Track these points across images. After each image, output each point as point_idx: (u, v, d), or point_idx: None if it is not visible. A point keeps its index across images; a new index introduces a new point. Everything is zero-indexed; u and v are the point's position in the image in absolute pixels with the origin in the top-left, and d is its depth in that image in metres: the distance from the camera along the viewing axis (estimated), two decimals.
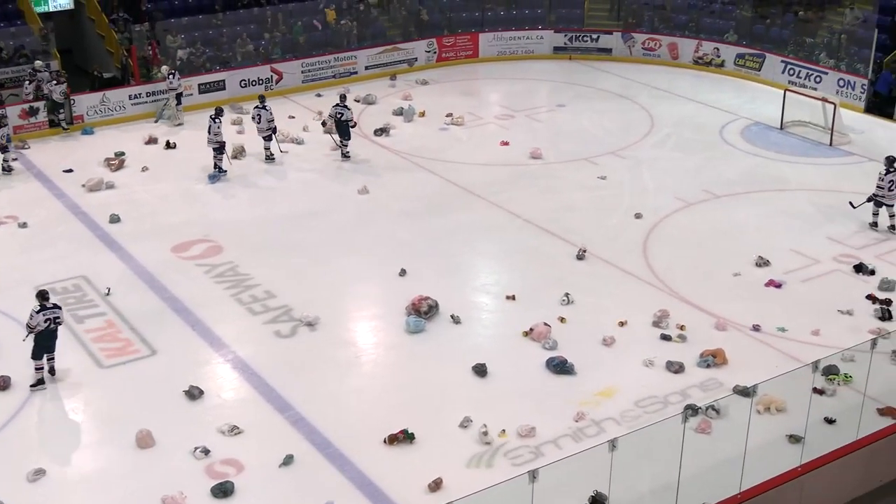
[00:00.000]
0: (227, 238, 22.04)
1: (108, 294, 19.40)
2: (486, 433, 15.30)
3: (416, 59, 34.53)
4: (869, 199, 22.51)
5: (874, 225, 22.53)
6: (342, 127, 26.54)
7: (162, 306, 19.29)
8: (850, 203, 22.90)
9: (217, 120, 25.32)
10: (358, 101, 31.04)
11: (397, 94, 31.88)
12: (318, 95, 31.90)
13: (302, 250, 21.54)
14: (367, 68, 33.75)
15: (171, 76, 29.22)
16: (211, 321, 18.73)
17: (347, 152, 26.65)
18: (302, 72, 32.55)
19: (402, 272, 20.36)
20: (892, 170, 22.18)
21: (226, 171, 25.45)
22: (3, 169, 25.49)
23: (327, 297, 19.57)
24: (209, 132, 25.24)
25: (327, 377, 17.07)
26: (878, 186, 22.35)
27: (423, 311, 18.62)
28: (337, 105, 26.55)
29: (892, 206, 22.26)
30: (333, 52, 33.29)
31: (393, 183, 25.25)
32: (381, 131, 28.30)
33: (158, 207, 23.83)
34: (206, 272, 20.62)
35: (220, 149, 25.35)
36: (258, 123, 26.28)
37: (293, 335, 18.33)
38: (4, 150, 25.50)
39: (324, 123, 27.71)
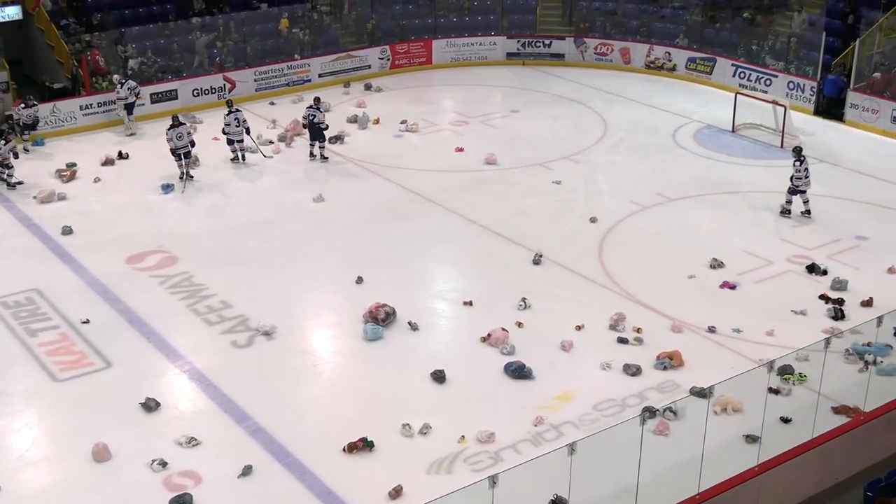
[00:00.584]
0: (181, 248, 21.87)
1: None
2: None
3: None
4: (791, 192, 23.24)
5: (787, 212, 23.29)
6: (314, 129, 26.70)
7: (117, 318, 19.10)
8: (784, 208, 23.60)
9: (170, 129, 25.33)
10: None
11: (351, 102, 31.84)
12: (272, 104, 31.80)
13: (258, 259, 21.43)
14: (320, 76, 33.68)
15: (119, 86, 28.96)
16: (166, 332, 18.57)
17: (325, 154, 26.98)
18: (255, 80, 32.42)
19: (359, 280, 20.32)
20: (803, 158, 23.11)
21: (186, 177, 25.34)
22: (8, 185, 25.01)
23: (284, 306, 19.48)
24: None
25: (285, 386, 16.98)
26: (794, 177, 23.13)
27: (380, 318, 18.58)
28: (310, 107, 26.81)
29: (806, 192, 23.12)
30: (286, 61, 33.20)
31: (348, 190, 25.19)
32: (336, 139, 28.22)
33: (111, 218, 23.62)
34: (160, 283, 20.46)
35: (174, 155, 25.32)
36: (236, 127, 26.35)
37: (250, 345, 18.23)
38: (5, 165, 25.06)
39: (305, 126, 27.50)
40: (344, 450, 15.14)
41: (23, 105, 28.00)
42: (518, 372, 17.06)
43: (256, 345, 18.22)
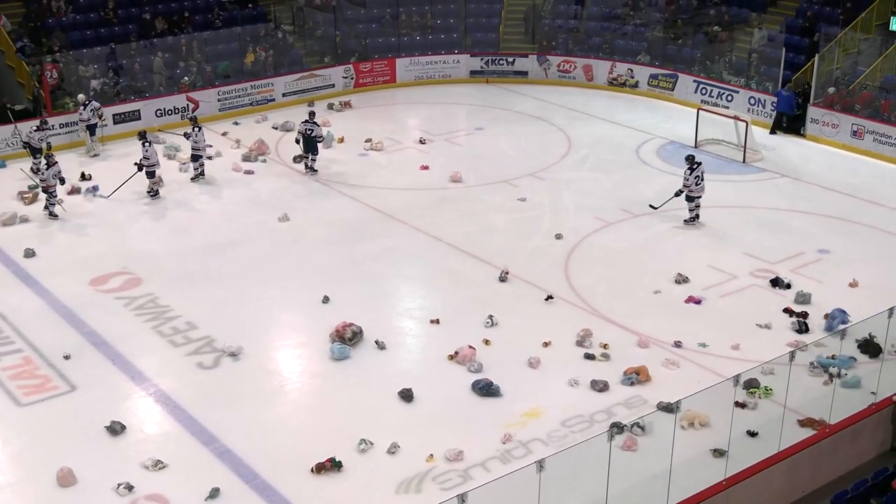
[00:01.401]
0: (145, 270, 21.73)
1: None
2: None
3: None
4: (677, 194, 23.85)
5: (693, 219, 23.85)
6: (310, 142, 27.29)
7: (81, 341, 18.92)
8: (651, 205, 24.31)
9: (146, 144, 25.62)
10: (276, 129, 31.01)
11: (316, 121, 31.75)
12: (236, 123, 31.73)
13: (223, 280, 21.32)
14: (284, 95, 33.66)
15: (82, 107, 28.78)
16: (132, 355, 18.43)
17: (314, 167, 27.41)
18: (218, 100, 32.34)
19: (325, 299, 20.27)
20: (695, 167, 23.60)
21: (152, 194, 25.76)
22: (51, 214, 24.46)
23: (250, 326, 19.40)
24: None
25: (252, 407, 16.89)
26: (684, 186, 23.74)
27: (347, 337, 18.54)
28: (306, 121, 27.39)
29: (699, 198, 23.73)
30: (250, 80, 33.14)
31: (313, 210, 25.15)
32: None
33: (75, 241, 23.43)
34: (125, 305, 20.31)
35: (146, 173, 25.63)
36: (204, 142, 26.79)
37: (216, 366, 18.12)
38: (51, 192, 24.40)
39: (297, 141, 27.86)
40: (312, 470, 15.07)
41: (35, 128, 27.24)
42: (486, 389, 17.06)
43: (223, 366, 18.12)
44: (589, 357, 18.20)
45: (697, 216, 23.85)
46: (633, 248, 22.86)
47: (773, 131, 30.54)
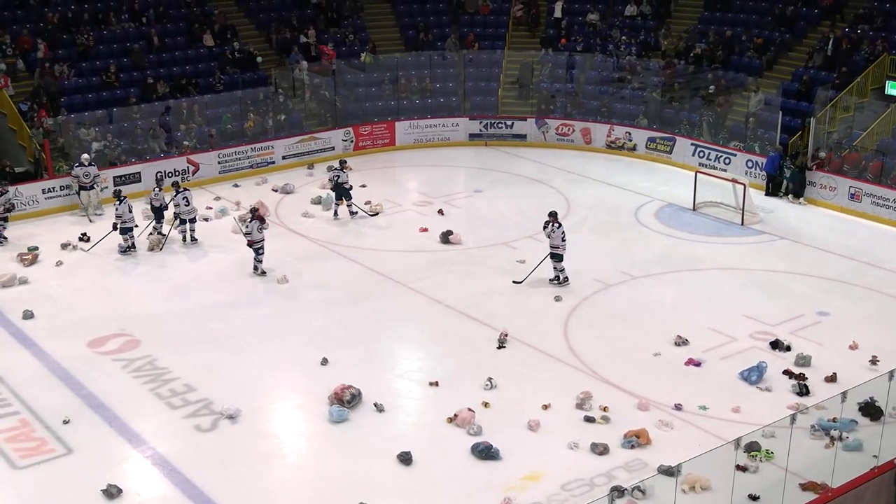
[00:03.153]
0: (144, 331, 21.69)
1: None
2: None
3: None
4: (550, 256, 23.82)
5: (560, 279, 23.89)
6: (342, 189, 28.52)
7: (78, 403, 18.82)
8: (514, 281, 24.13)
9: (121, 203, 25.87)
10: (276, 191, 31.12)
11: (315, 183, 31.94)
12: (236, 185, 31.86)
13: (221, 342, 21.27)
14: (284, 158, 33.84)
15: (90, 165, 28.99)
16: (129, 417, 18.33)
17: (353, 209, 28.76)
18: (218, 162, 32.50)
19: (324, 361, 20.22)
20: (558, 224, 23.74)
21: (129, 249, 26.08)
22: (255, 269, 24.74)
23: (248, 388, 19.31)
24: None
25: (250, 470, 16.76)
26: (551, 245, 23.76)
27: (345, 400, 18.46)
28: (336, 169, 28.64)
29: (562, 259, 23.79)
30: (250, 143, 33.33)
31: (312, 271, 25.16)
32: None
33: (73, 302, 23.42)
34: (123, 367, 20.24)
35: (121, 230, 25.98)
36: (186, 206, 26.59)
37: (214, 429, 18.01)
38: (255, 247, 24.69)
39: (333, 188, 28.94)
40: None
41: (155, 190, 27.37)
42: (485, 452, 16.95)
43: (220, 428, 18.01)
44: (589, 420, 18.12)
45: (567, 278, 23.87)
46: (632, 311, 22.84)
47: (774, 194, 30.65)
